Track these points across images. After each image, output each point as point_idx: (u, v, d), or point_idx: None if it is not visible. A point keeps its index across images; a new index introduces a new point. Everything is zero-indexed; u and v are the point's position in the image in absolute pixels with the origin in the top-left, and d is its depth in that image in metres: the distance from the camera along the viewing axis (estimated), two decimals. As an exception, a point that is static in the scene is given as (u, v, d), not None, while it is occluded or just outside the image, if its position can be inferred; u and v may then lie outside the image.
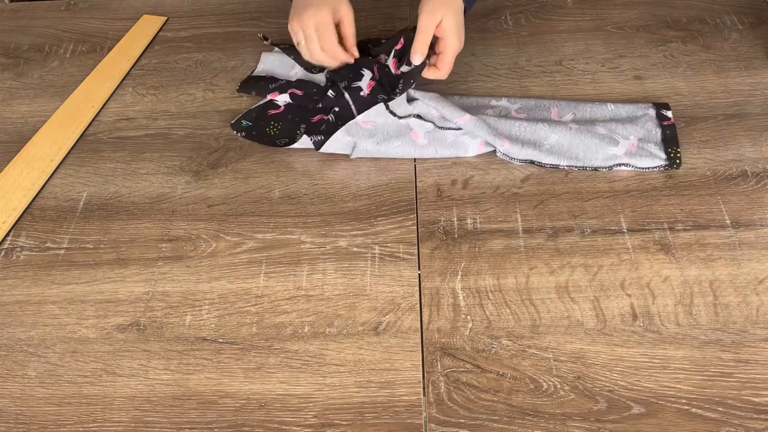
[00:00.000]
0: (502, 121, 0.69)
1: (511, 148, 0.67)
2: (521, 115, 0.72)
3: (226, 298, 0.60)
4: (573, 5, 0.90)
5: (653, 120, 0.71)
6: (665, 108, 0.72)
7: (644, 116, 0.71)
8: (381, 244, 0.63)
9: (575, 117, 0.72)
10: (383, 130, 0.69)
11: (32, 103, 0.83)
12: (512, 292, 0.59)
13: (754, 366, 0.53)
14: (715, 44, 0.81)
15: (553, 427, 0.51)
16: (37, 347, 0.59)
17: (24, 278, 0.64)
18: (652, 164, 0.66)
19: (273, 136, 0.73)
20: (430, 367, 0.55)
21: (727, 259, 0.60)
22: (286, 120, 0.75)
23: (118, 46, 0.89)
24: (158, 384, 0.55)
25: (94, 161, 0.74)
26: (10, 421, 0.54)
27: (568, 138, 0.68)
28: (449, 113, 0.68)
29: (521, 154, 0.67)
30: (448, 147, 0.69)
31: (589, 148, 0.67)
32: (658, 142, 0.68)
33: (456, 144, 0.69)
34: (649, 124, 0.70)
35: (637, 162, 0.66)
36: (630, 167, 0.66)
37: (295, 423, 0.52)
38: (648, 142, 0.68)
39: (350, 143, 0.69)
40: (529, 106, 0.74)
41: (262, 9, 0.93)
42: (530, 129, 0.69)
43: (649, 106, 0.72)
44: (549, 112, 0.73)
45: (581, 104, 0.73)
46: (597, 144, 0.67)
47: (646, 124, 0.70)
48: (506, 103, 0.74)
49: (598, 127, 0.69)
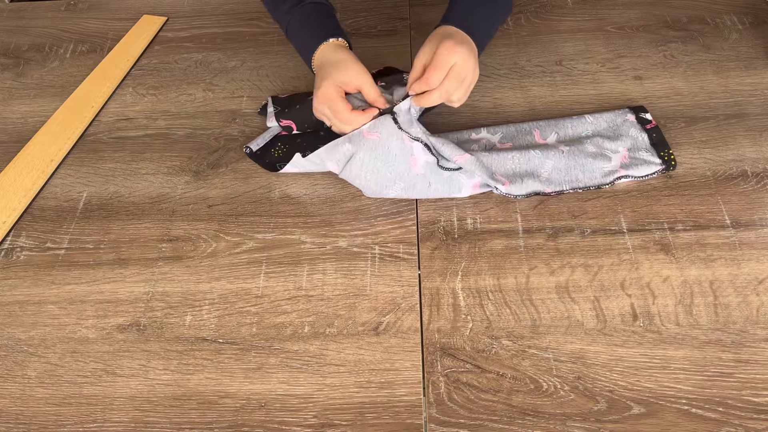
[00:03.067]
0: (494, 156, 0.66)
1: (512, 188, 0.65)
2: (506, 145, 0.70)
3: (226, 298, 0.60)
4: (573, 5, 0.90)
5: (636, 126, 0.70)
6: (642, 111, 0.72)
7: (625, 123, 0.71)
8: (381, 244, 0.63)
9: (559, 136, 0.70)
10: (386, 143, 0.64)
11: (32, 103, 0.83)
12: (512, 293, 0.59)
13: (754, 366, 0.53)
14: (715, 44, 0.81)
15: (553, 427, 0.51)
16: (37, 347, 0.59)
17: (24, 278, 0.64)
18: (649, 171, 0.66)
19: (275, 158, 0.71)
20: (430, 368, 0.55)
21: (727, 259, 0.60)
22: (294, 144, 0.72)
23: (118, 46, 0.89)
24: (158, 384, 0.55)
25: (94, 161, 0.74)
26: (10, 421, 0.54)
27: (564, 161, 0.67)
28: (449, 152, 0.65)
29: (523, 189, 0.65)
30: (443, 183, 0.65)
31: (586, 168, 0.66)
32: (648, 147, 0.68)
33: (451, 180, 0.65)
34: (633, 130, 0.70)
35: (635, 172, 0.66)
36: (630, 177, 0.66)
37: (295, 423, 0.52)
38: (638, 150, 0.68)
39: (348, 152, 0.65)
40: (510, 133, 0.71)
41: (263, 9, 0.93)
42: (524, 159, 0.67)
43: (626, 111, 0.72)
44: (532, 136, 0.71)
45: (561, 121, 0.72)
46: (592, 162, 0.67)
47: (630, 131, 0.70)
48: (487, 134, 0.71)
49: (587, 146, 0.68)
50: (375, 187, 0.65)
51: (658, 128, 0.70)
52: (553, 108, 0.75)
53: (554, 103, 0.75)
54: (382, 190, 0.65)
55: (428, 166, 0.65)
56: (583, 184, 0.66)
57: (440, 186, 0.65)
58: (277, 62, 0.85)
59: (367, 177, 0.64)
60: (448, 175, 0.65)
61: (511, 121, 0.73)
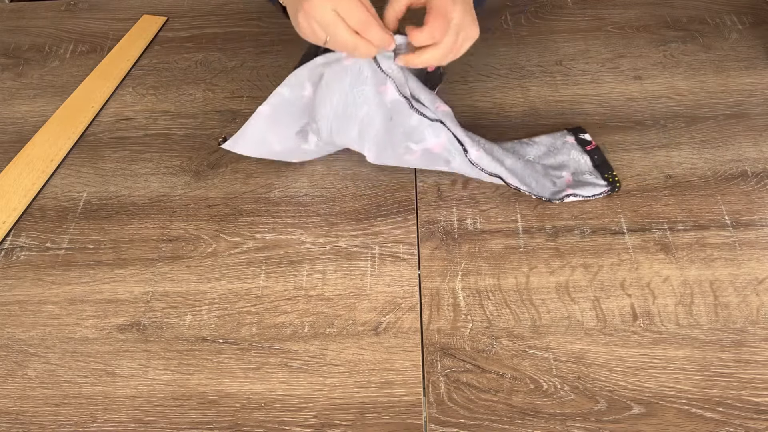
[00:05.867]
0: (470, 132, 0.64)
1: (482, 159, 0.62)
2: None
3: (226, 298, 0.60)
4: (573, 5, 0.90)
5: (576, 148, 0.69)
6: (581, 132, 0.70)
7: (565, 145, 0.69)
8: (381, 244, 0.63)
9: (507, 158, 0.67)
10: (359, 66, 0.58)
11: (32, 103, 0.83)
12: (512, 293, 0.59)
13: (754, 366, 0.53)
14: (715, 44, 0.81)
15: (553, 427, 0.51)
16: (37, 347, 0.59)
17: (24, 278, 0.64)
18: (595, 192, 0.65)
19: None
20: (430, 368, 0.55)
21: (727, 259, 0.60)
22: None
23: (118, 46, 0.89)
24: (158, 384, 0.55)
25: (94, 161, 0.74)
26: (10, 421, 0.54)
27: (520, 165, 0.66)
28: (430, 100, 0.60)
29: (490, 166, 0.63)
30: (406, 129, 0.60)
31: (538, 180, 0.66)
32: (591, 170, 0.67)
33: (414, 130, 0.59)
34: (574, 152, 0.68)
35: (582, 192, 0.65)
36: (579, 197, 0.64)
37: (295, 423, 0.52)
38: (582, 173, 0.67)
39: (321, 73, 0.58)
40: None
41: (262, 9, 0.94)
42: (489, 147, 0.65)
43: (565, 134, 0.70)
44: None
45: (502, 143, 0.68)
46: (542, 178, 0.66)
47: (570, 153, 0.68)
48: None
49: (536, 167, 0.67)
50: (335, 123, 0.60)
51: (598, 149, 0.69)
52: (553, 108, 0.75)
53: (554, 103, 0.75)
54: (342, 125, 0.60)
55: (397, 104, 0.59)
56: (536, 192, 0.64)
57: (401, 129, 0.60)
58: (277, 62, 0.85)
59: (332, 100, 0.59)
60: (417, 120, 0.59)
61: (511, 121, 0.73)
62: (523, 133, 0.72)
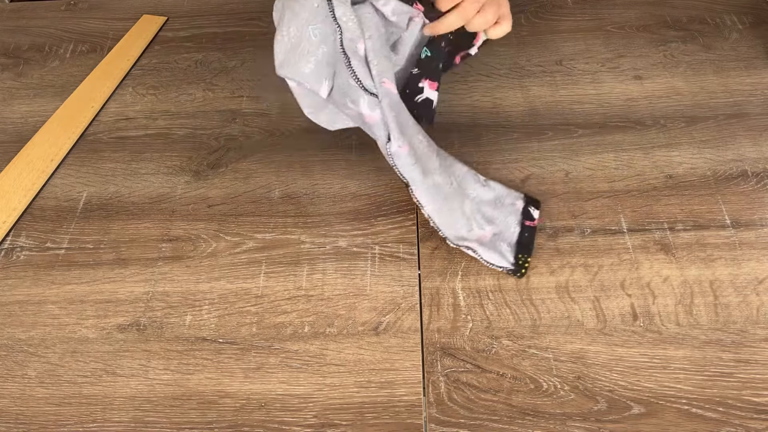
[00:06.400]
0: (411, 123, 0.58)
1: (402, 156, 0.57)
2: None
3: (226, 298, 0.60)
4: (573, 5, 0.90)
5: (517, 215, 0.63)
6: (535, 206, 0.64)
7: (510, 208, 0.63)
8: (381, 244, 0.63)
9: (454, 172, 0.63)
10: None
11: (32, 103, 0.83)
12: (512, 292, 0.59)
13: (754, 366, 0.53)
14: (715, 44, 0.81)
15: (553, 427, 0.51)
16: (37, 347, 0.59)
17: (24, 278, 0.64)
18: (496, 263, 0.59)
19: None
20: (430, 367, 0.55)
21: (727, 259, 0.60)
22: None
23: (118, 46, 0.89)
24: (158, 384, 0.55)
25: (94, 161, 0.74)
26: (10, 421, 0.54)
27: (443, 192, 0.60)
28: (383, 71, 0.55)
29: (405, 169, 0.57)
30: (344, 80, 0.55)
31: (450, 218, 0.60)
32: (512, 243, 0.61)
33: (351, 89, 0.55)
34: (511, 218, 0.62)
35: (483, 253, 0.60)
36: (476, 254, 0.60)
37: (295, 423, 0.52)
38: (502, 240, 0.61)
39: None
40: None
41: (262, 9, 0.93)
42: (427, 152, 0.59)
43: (519, 197, 0.64)
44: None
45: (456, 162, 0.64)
46: (458, 219, 0.61)
47: (507, 218, 0.62)
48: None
49: (466, 203, 0.62)
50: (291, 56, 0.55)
51: (533, 229, 0.62)
52: (553, 108, 0.75)
53: (554, 103, 0.75)
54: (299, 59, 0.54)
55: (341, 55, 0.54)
56: (436, 226, 0.60)
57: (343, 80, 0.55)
58: (277, 62, 0.85)
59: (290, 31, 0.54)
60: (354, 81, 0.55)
61: (511, 121, 0.73)
62: (523, 133, 0.72)
